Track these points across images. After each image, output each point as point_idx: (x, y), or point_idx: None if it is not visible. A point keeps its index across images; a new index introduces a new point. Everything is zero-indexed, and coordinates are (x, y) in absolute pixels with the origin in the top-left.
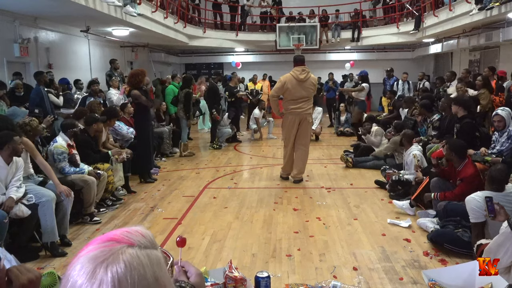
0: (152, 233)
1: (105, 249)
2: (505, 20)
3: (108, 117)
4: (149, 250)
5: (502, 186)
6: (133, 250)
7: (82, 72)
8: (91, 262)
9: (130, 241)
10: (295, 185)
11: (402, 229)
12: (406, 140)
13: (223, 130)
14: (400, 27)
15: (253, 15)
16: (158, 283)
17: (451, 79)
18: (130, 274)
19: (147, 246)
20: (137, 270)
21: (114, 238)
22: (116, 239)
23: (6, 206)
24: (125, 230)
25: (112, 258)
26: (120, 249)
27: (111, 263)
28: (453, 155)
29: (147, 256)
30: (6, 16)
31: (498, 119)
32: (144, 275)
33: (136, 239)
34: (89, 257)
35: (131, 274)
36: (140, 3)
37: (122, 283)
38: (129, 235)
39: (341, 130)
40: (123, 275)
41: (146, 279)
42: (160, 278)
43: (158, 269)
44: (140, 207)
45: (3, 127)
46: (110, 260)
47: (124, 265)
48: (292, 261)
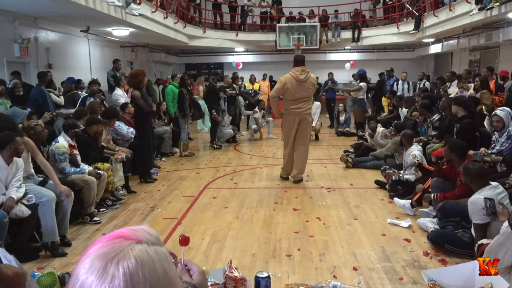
0: (157, 232)
1: (114, 246)
2: (505, 20)
3: (108, 118)
4: (157, 247)
5: (487, 180)
6: (142, 246)
7: (82, 72)
8: (102, 259)
9: (138, 237)
10: (295, 185)
11: (402, 229)
12: (406, 140)
13: (224, 131)
14: (400, 27)
15: (254, 15)
16: (168, 278)
17: (451, 79)
18: (142, 269)
19: (154, 243)
20: (147, 264)
21: (122, 235)
22: (124, 236)
23: (6, 206)
24: (131, 228)
25: (123, 253)
26: (129, 245)
27: (122, 258)
28: (453, 155)
29: (155, 252)
30: (6, 16)
31: (497, 119)
32: (154, 269)
33: (143, 236)
34: (99, 254)
35: (142, 268)
36: (140, 3)
37: (134, 278)
38: (136, 232)
39: (341, 130)
40: (134, 270)
41: (156, 273)
42: (169, 272)
43: (167, 264)
44: (140, 207)
45: (5, 127)
46: (121, 255)
47: (135, 260)
48: (292, 261)
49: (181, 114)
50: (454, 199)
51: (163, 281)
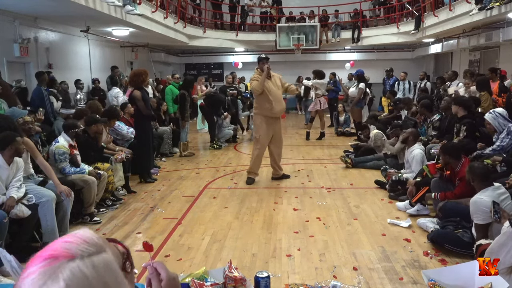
0: (96, 234)
1: (43, 270)
2: (505, 20)
3: (108, 118)
4: (94, 257)
5: (491, 180)
6: (74, 264)
7: (82, 72)
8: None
9: (69, 253)
10: (295, 185)
11: (402, 229)
12: (413, 138)
13: (225, 131)
14: (400, 27)
15: (254, 15)
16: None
17: (451, 79)
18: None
19: (91, 253)
20: (80, 285)
21: (52, 255)
22: (54, 256)
23: (7, 205)
24: (65, 241)
25: (51, 280)
26: (58, 268)
27: (50, 285)
28: (448, 158)
29: (91, 266)
30: (6, 16)
31: (487, 123)
32: (90, 286)
33: (77, 249)
34: (29, 284)
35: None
36: (140, 3)
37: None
38: (69, 245)
39: (341, 130)
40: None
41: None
42: (110, 283)
43: (107, 274)
44: (140, 207)
45: (6, 127)
46: (49, 282)
47: (65, 284)
48: (292, 261)
49: (182, 117)
50: (454, 199)
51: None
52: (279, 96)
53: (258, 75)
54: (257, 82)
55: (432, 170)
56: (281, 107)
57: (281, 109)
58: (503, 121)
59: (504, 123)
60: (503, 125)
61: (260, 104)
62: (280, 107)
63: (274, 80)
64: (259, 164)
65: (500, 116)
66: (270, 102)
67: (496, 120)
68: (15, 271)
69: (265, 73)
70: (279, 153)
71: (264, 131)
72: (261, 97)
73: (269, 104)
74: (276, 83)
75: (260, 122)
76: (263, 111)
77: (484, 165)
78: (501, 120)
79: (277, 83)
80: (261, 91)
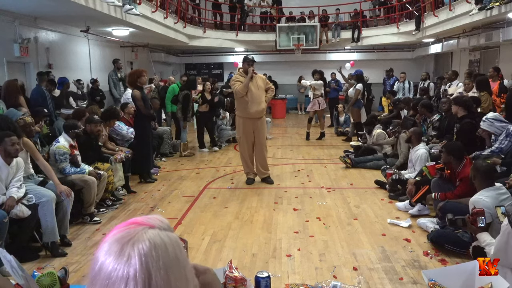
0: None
1: (129, 231)
2: (505, 20)
3: (108, 118)
4: (169, 232)
5: (493, 181)
6: (155, 231)
7: (82, 72)
8: (118, 242)
9: (150, 223)
10: (295, 185)
11: (402, 229)
12: (415, 137)
13: (225, 131)
14: (400, 27)
15: (254, 15)
16: (179, 260)
17: (452, 79)
18: (155, 250)
19: (166, 229)
20: (160, 246)
21: (137, 222)
22: (138, 222)
23: (7, 205)
24: (145, 216)
25: (137, 237)
26: (143, 230)
27: (136, 241)
28: (451, 158)
29: (167, 236)
30: (6, 16)
31: (482, 130)
32: (166, 251)
33: (156, 223)
34: (115, 238)
35: (155, 249)
36: (140, 3)
37: (148, 257)
38: (149, 219)
39: (341, 130)
40: (148, 251)
41: (168, 255)
42: (179, 255)
43: (178, 249)
44: (140, 207)
45: (4, 127)
46: (136, 239)
47: (149, 242)
48: (292, 261)
49: (184, 117)
50: (454, 199)
51: (174, 263)
52: (258, 97)
53: (240, 76)
54: (242, 86)
55: (432, 171)
56: (258, 108)
57: (258, 110)
58: (500, 124)
59: (502, 126)
60: (501, 127)
61: (237, 105)
62: (257, 108)
63: (256, 80)
64: (247, 165)
65: (495, 121)
66: (246, 103)
67: (493, 126)
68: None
69: (249, 76)
70: (261, 157)
71: (242, 132)
72: (238, 97)
73: (245, 105)
74: (257, 84)
75: (239, 123)
76: (239, 111)
77: (490, 164)
78: (497, 124)
79: (258, 83)
80: (244, 94)
